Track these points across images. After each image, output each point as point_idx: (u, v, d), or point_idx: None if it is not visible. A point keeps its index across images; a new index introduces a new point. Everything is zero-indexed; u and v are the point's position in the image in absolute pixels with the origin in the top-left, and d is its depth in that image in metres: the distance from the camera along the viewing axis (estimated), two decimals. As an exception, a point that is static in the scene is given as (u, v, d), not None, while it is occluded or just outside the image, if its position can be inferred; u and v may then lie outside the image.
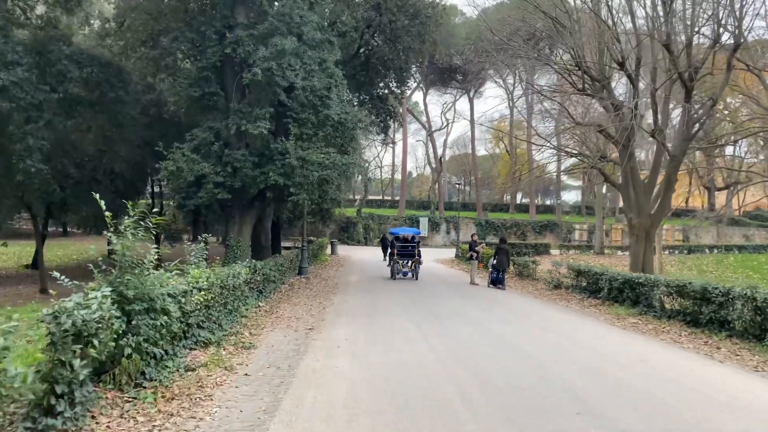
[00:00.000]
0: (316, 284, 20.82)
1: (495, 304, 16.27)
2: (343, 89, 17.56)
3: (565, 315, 14.84)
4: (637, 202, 23.61)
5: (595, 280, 18.21)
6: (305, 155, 15.43)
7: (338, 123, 16.59)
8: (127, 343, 6.16)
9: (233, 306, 11.74)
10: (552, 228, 61.75)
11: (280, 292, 17.59)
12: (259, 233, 23.77)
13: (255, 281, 14.26)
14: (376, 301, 15.75)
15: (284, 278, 19.87)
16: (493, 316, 13.72)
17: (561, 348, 9.91)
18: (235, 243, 17.11)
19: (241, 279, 12.32)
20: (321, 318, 12.75)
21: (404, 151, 65.53)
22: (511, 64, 28.26)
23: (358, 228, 55.96)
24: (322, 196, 17.06)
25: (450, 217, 60.68)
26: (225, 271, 10.93)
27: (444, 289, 19.88)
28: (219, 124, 16.18)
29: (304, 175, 15.43)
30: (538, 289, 21.44)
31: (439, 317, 13.01)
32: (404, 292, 18.24)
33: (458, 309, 14.60)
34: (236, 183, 16.18)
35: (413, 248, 23.44)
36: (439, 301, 16.22)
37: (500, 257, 21.21)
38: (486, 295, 18.73)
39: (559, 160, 45.16)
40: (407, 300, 16.20)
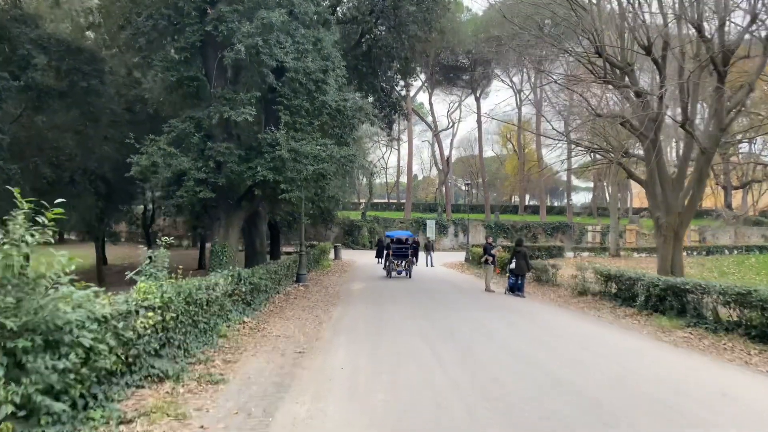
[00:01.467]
0: (315, 293, 18.77)
1: (518, 315, 14.16)
2: (342, 74, 15.55)
3: (601, 329, 12.72)
4: (665, 200, 21.55)
5: (629, 286, 16.11)
6: (298, 147, 13.40)
7: (336, 111, 14.58)
8: (6, 397, 4.10)
9: (208, 324, 9.71)
10: (564, 230, 59.61)
11: (273, 303, 15.55)
12: (253, 237, 21.75)
13: (239, 293, 12.23)
14: (382, 314, 13.67)
15: (279, 287, 17.83)
16: (520, 332, 11.61)
17: (620, 380, 7.77)
18: (220, 248, 15.07)
19: (219, 291, 10.29)
20: (315, 337, 10.68)
21: (410, 152, 63.53)
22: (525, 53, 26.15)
23: (362, 231, 53.97)
24: (319, 194, 14.98)
25: (458, 220, 58.59)
26: (193, 283, 8.89)
27: (458, 298, 17.78)
28: (200, 114, 14.18)
29: (297, 170, 13.40)
30: (561, 296, 19.35)
31: (457, 335, 10.89)
32: (414, 303, 16.15)
33: (478, 323, 12.50)
34: (220, 180, 14.17)
35: (406, 249, 25.50)
36: (454, 313, 14.12)
37: (518, 261, 19.12)
38: (505, 304, 16.63)
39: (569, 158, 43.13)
40: (418, 312, 14.11)
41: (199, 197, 13.88)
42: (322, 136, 14.34)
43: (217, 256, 15.02)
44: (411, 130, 65.15)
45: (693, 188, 21.72)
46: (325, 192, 14.83)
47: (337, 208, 31.82)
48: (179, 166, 13.55)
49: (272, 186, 14.17)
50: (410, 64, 25.32)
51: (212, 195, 14.19)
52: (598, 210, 76.73)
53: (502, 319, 13.32)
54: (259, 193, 14.81)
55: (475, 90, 67.35)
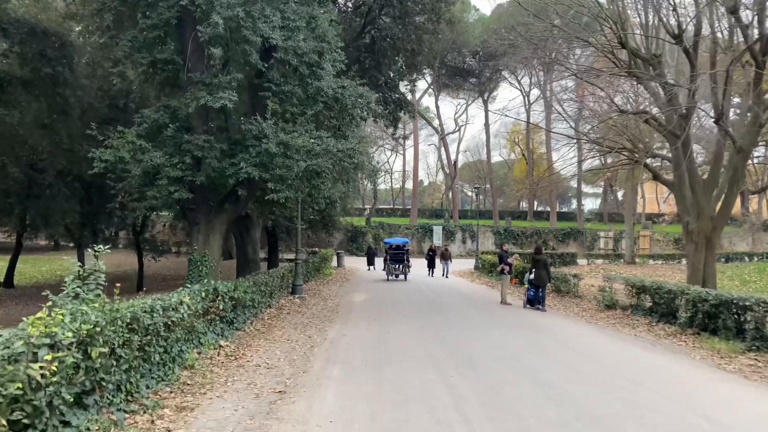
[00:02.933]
0: (311, 307, 16.80)
1: (546, 336, 12.13)
2: (341, 59, 13.61)
3: (646, 353, 10.69)
4: (696, 203, 19.58)
5: (668, 300, 14.06)
6: (288, 140, 11.45)
7: (333, 99, 12.64)
8: None
9: (168, 354, 7.76)
10: (575, 236, 57.55)
11: (261, 320, 13.57)
12: (244, 244, 19.82)
13: (216, 311, 10.27)
14: (386, 336, 11.66)
15: (271, 300, 15.86)
16: (554, 361, 9.56)
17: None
18: (199, 258, 13.09)
19: (185, 312, 8.32)
20: (303, 368, 8.67)
21: (415, 156, 61.57)
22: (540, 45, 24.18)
23: (367, 238, 51.96)
24: (313, 195, 12.99)
25: (465, 226, 56.55)
26: (141, 305, 6.93)
27: (472, 313, 15.76)
28: (176, 102, 12.27)
29: (287, 166, 11.43)
30: (586, 310, 17.34)
31: (479, 367, 8.83)
32: (423, 320, 14.12)
33: (501, 348, 10.48)
34: (198, 178, 12.22)
35: (403, 254, 27.74)
36: (470, 333, 12.09)
37: (538, 271, 17.11)
38: (527, 321, 14.60)
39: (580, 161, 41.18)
40: (428, 332, 12.08)
41: (173, 198, 11.95)
42: (316, 128, 12.40)
43: (195, 267, 13.04)
44: (417, 133, 63.19)
45: (726, 190, 19.81)
46: (320, 192, 12.77)
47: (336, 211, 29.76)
48: (151, 162, 11.63)
49: (261, 185, 12.20)
50: (417, 57, 23.40)
51: (189, 196, 12.23)
52: (614, 215, 74.70)
53: (528, 341, 11.30)
54: (244, 194, 12.83)
55: (483, 93, 65.36)
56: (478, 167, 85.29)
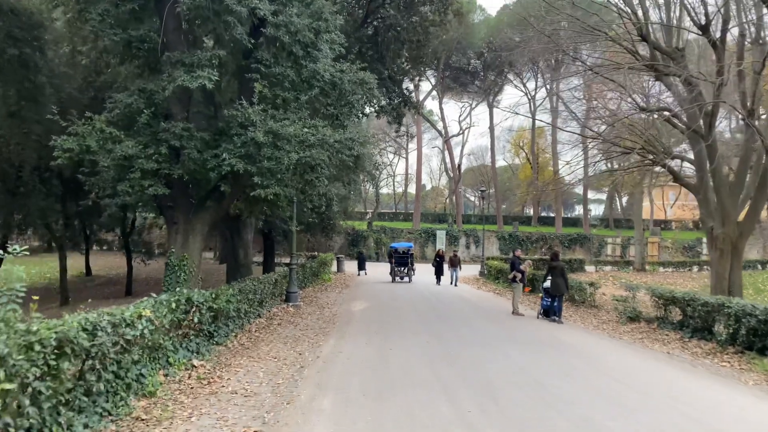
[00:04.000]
0: (306, 316, 15.31)
1: (569, 354, 10.63)
2: (340, 41, 12.15)
3: (688, 375, 9.23)
4: (721, 207, 18.17)
5: (704, 314, 12.55)
6: (278, 128, 9.99)
7: (330, 85, 11.19)
8: None
9: (120, 381, 6.30)
10: (582, 242, 56.02)
11: (248, 332, 12.09)
12: (235, 247, 18.35)
13: (190, 324, 8.80)
14: (387, 353, 10.15)
15: (261, 309, 14.39)
16: (586, 386, 8.02)
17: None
18: (177, 262, 11.59)
19: (144, 328, 6.85)
20: (288, 398, 7.16)
21: (419, 159, 60.05)
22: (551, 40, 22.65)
23: (368, 242, 50.43)
24: (306, 192, 11.48)
25: (469, 230, 55.02)
26: (80, 321, 5.47)
27: (484, 326, 14.24)
28: (152, 85, 10.81)
29: (276, 158, 9.95)
30: (606, 323, 15.88)
31: (500, 397, 7.27)
32: (430, 334, 12.59)
33: (522, 369, 8.97)
34: (176, 171, 10.75)
35: (407, 258, 29.37)
36: (485, 351, 10.56)
37: (555, 279, 15.62)
38: (545, 335, 13.10)
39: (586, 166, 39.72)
40: (437, 350, 10.56)
41: (148, 194, 10.48)
42: (311, 117, 10.94)
43: (172, 273, 11.53)
44: (420, 136, 61.72)
45: (754, 194, 18.40)
46: (315, 189, 11.24)
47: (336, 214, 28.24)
48: (122, 153, 10.18)
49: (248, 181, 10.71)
50: (423, 50, 21.95)
51: (166, 191, 10.73)
52: (615, 221, 73.17)
53: (552, 361, 9.79)
54: (227, 189, 11.26)
55: (488, 95, 63.90)
56: (482, 171, 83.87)
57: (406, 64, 22.88)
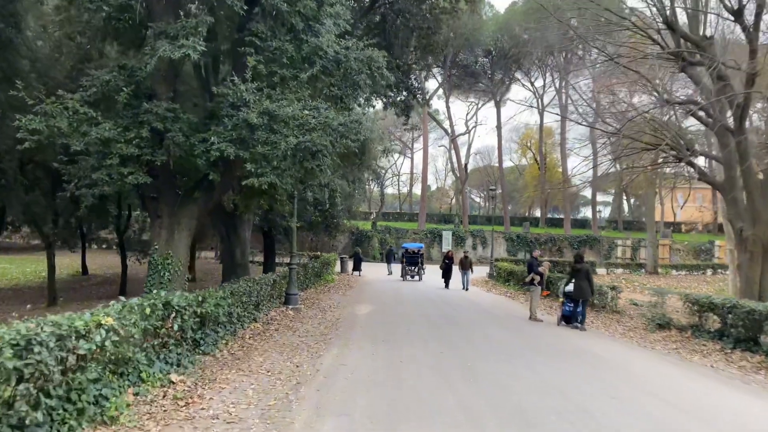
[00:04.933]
0: (307, 321, 14.06)
1: (606, 369, 9.34)
2: (346, 17, 10.90)
3: (749, 397, 7.91)
4: (751, 208, 16.86)
5: (748, 322, 11.25)
6: (275, 109, 8.75)
7: (334, 62, 9.95)
8: None
9: (71, 407, 5.05)
10: (591, 244, 54.67)
11: (241, 338, 10.84)
12: (232, 246, 17.10)
13: (169, 332, 7.55)
14: (399, 366, 8.86)
15: (257, 313, 13.15)
16: (637, 413, 6.67)
17: None
18: (161, 260, 10.33)
19: (105, 339, 5.61)
20: (279, 425, 5.85)
21: (425, 158, 58.77)
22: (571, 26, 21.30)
23: (373, 242, 49.14)
24: (306, 181, 10.17)
25: (476, 231, 53.72)
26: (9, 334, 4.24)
27: (500, 333, 12.95)
28: (134, 61, 9.57)
29: (272, 142, 8.69)
30: (632, 330, 14.61)
31: (540, 427, 6.04)
32: (443, 343, 11.28)
33: (557, 389, 7.65)
34: (160, 157, 9.51)
35: (418, 258, 31.17)
36: (509, 365, 9.24)
37: (579, 282, 14.35)
38: (571, 344, 11.82)
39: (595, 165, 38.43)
40: (453, 362, 9.25)
41: (127, 183, 9.24)
42: (312, 97, 9.67)
43: (155, 272, 10.26)
44: (426, 134, 60.40)
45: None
46: (316, 178, 9.90)
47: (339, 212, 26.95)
48: (98, 136, 8.95)
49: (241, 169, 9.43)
50: (433, 38, 20.66)
51: (147, 180, 9.48)
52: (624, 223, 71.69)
53: (587, 378, 8.48)
54: (216, 178, 9.93)
55: (495, 94, 62.53)
56: (488, 172, 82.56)
57: (415, 54, 21.60)
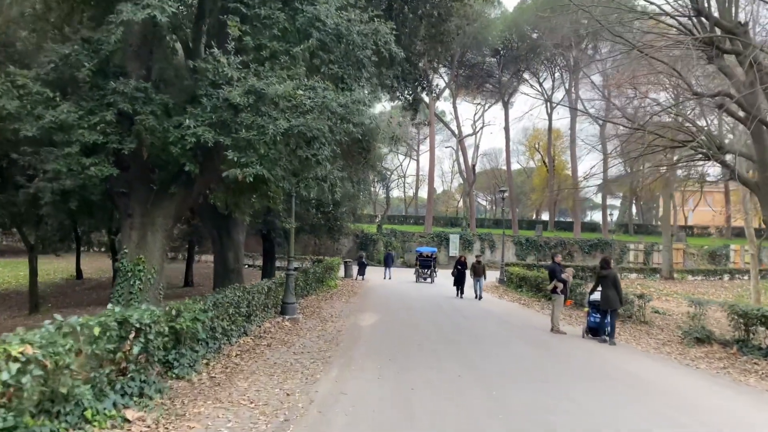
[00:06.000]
0: (304, 333, 12.59)
1: (652, 394, 7.82)
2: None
3: None
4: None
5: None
6: (262, 87, 7.31)
7: (335, 35, 8.49)
8: None
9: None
10: (602, 248, 53.09)
11: (227, 356, 9.38)
12: (224, 250, 15.65)
13: (127, 356, 6.10)
14: (409, 395, 7.36)
15: (248, 325, 11.69)
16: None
17: None
18: (132, 266, 8.86)
19: (22, 376, 4.15)
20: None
21: (431, 159, 57.24)
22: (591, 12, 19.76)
23: (378, 246, 47.67)
24: (300, 173, 8.66)
25: (484, 235, 52.19)
26: None
27: (523, 349, 11.41)
28: (98, 35, 8.13)
29: (258, 126, 7.24)
30: (666, 344, 13.13)
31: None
32: (462, 362, 9.75)
33: (598, 421, 6.17)
34: (128, 145, 8.05)
35: (431, 261, 32.20)
36: (540, 392, 7.70)
37: (606, 291, 12.85)
38: (606, 362, 10.31)
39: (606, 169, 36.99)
40: (476, 389, 7.72)
41: (90, 175, 7.80)
42: (308, 76, 8.19)
43: (124, 280, 8.77)
44: (433, 135, 58.92)
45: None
46: (312, 169, 8.35)
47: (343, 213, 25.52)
48: (53, 119, 7.53)
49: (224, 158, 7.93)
50: (443, 26, 19.18)
51: (114, 172, 8.03)
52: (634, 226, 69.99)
53: (636, 408, 6.97)
54: (193, 170, 8.36)
55: (503, 95, 61.02)
56: (495, 174, 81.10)
57: (424, 44, 20.10)
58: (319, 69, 8.53)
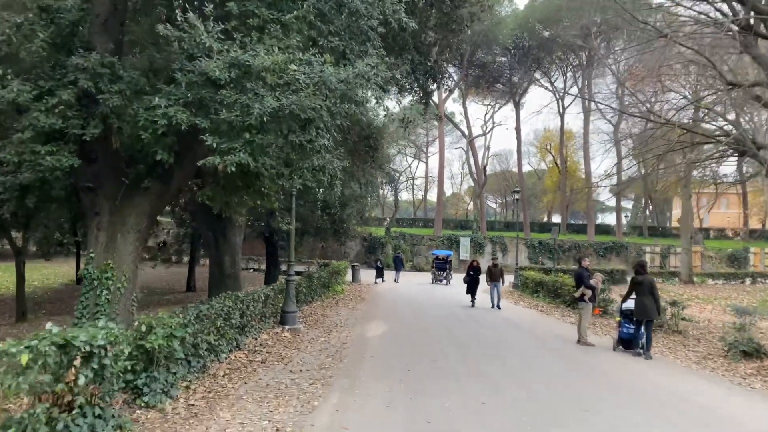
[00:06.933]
0: (305, 346, 11.32)
1: (717, 425, 6.50)
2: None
3: None
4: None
5: None
6: (247, 59, 6.05)
7: (335, 3, 7.21)
8: None
9: None
10: (618, 250, 51.62)
11: (213, 376, 8.12)
12: (220, 253, 14.42)
13: (71, 388, 4.86)
14: (425, 429, 6.11)
15: (242, 337, 10.44)
16: None
17: None
18: (99, 273, 7.61)
19: None
20: None
21: (441, 160, 55.86)
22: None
23: (387, 249, 46.37)
24: (293, 164, 7.36)
25: (495, 237, 50.79)
26: None
27: (553, 365, 10.05)
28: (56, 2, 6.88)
29: (243, 106, 5.99)
30: (708, 357, 11.78)
31: None
32: (486, 384, 8.42)
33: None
34: (92, 130, 6.81)
35: (446, 264, 33.64)
36: (585, 425, 6.43)
37: (642, 299, 11.49)
38: (647, 381, 8.95)
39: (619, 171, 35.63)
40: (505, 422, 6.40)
41: (47, 167, 6.56)
42: (303, 50, 6.91)
43: (90, 290, 7.48)
44: (443, 136, 57.57)
45: None
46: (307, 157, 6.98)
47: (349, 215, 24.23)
48: (1, 99, 6.32)
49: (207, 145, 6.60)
50: (456, 12, 17.89)
51: (75, 162, 6.78)
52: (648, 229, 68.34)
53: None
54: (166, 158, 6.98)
55: (514, 95, 59.61)
56: (506, 176, 79.67)
57: (435, 33, 18.81)
58: (316, 42, 7.26)
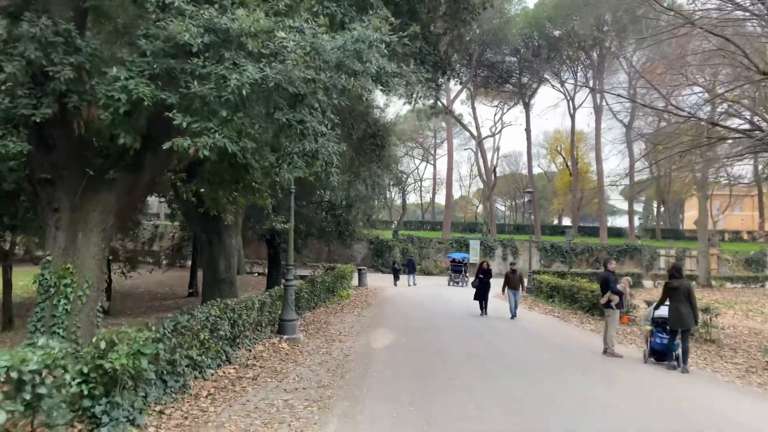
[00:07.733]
0: (304, 359, 10.22)
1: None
2: None
3: None
4: None
5: None
6: (224, 23, 4.99)
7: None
8: None
9: None
10: (632, 253, 50.40)
11: (195, 396, 7.03)
12: (214, 256, 13.36)
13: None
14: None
15: (233, 350, 9.36)
16: None
17: None
18: (56, 278, 6.46)
19: None
20: None
21: (449, 162, 54.73)
22: None
23: (394, 252, 45.28)
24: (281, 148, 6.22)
25: (506, 240, 49.59)
26: None
27: (583, 383, 8.86)
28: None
29: (219, 77, 4.94)
30: (750, 371, 10.68)
31: None
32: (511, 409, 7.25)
33: None
34: (43, 110, 5.70)
35: (462, 266, 35.41)
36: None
37: (676, 306, 10.31)
38: (689, 401, 7.80)
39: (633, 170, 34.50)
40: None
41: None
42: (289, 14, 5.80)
43: (46, 298, 6.45)
44: (451, 138, 56.43)
45: None
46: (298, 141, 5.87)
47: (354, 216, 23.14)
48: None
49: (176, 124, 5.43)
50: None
51: (24, 149, 5.66)
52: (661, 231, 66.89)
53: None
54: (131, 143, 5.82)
55: (523, 96, 58.42)
56: (515, 178, 78.38)
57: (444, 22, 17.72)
58: (309, 8, 6.18)
